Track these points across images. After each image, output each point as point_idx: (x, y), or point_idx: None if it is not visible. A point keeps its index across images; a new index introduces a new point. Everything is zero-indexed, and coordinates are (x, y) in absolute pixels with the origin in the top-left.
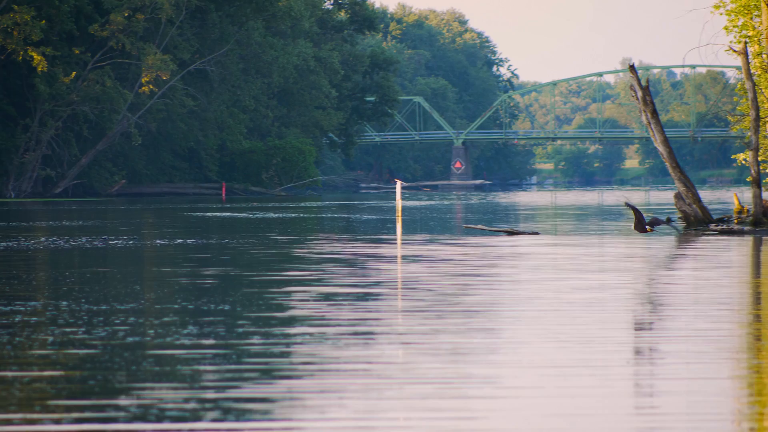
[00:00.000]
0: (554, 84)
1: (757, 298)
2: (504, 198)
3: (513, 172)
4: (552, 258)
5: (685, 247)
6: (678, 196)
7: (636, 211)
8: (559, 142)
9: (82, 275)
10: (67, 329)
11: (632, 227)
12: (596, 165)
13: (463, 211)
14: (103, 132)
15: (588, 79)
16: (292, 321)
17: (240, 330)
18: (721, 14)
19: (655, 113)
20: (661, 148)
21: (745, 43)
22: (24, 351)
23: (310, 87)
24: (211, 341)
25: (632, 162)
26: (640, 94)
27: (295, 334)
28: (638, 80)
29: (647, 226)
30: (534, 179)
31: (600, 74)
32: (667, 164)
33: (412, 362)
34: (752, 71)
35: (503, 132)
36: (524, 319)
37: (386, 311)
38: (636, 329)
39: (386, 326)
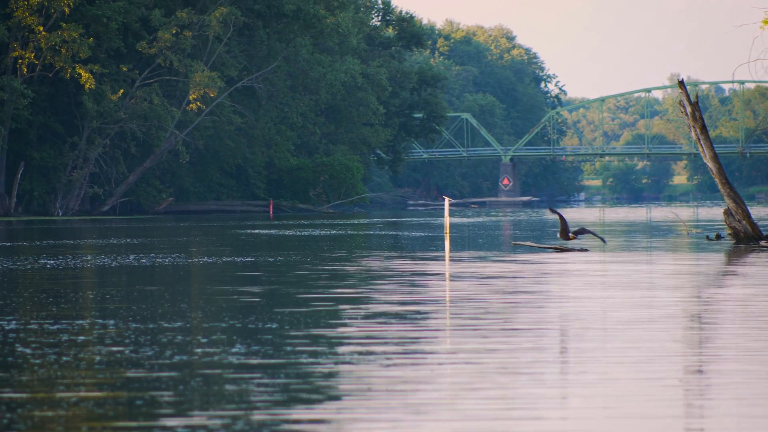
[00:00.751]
0: (602, 100)
1: None
2: (552, 215)
3: (561, 188)
4: (601, 275)
5: (735, 264)
6: (728, 213)
7: (562, 219)
8: (607, 158)
9: (130, 294)
10: (114, 348)
11: (558, 234)
12: (644, 181)
13: (511, 227)
14: (151, 149)
15: (636, 95)
16: (340, 339)
17: (288, 349)
18: None
19: (704, 129)
20: (710, 164)
21: None
22: (71, 371)
23: (358, 104)
24: (258, 360)
25: (680, 178)
26: (689, 109)
27: (343, 353)
28: (687, 96)
29: (570, 234)
30: (582, 196)
31: (648, 90)
32: (717, 180)
33: (460, 382)
34: None
35: (551, 148)
36: (572, 337)
37: (434, 329)
38: (684, 348)
39: (435, 345)
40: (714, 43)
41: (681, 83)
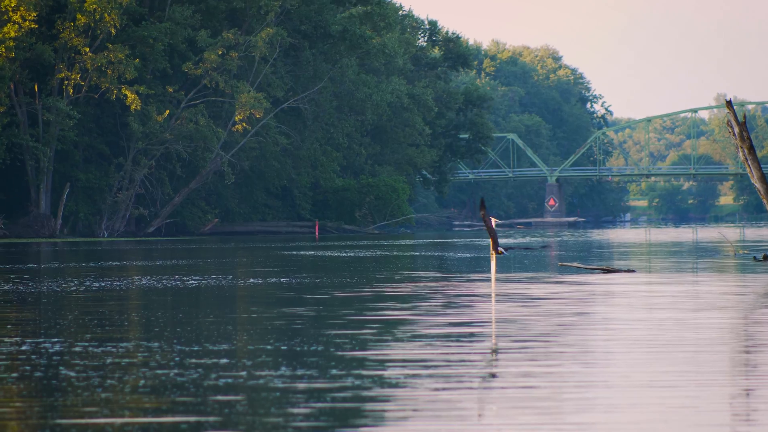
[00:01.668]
0: (648, 120)
1: None
2: (598, 235)
3: (607, 209)
4: (647, 296)
5: None
6: None
7: (492, 234)
8: (653, 178)
9: (175, 316)
10: (159, 371)
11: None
12: (690, 202)
13: (557, 248)
14: (196, 170)
15: (682, 115)
16: (385, 362)
17: (333, 371)
18: None
19: (752, 149)
20: (758, 185)
21: None
22: (115, 395)
23: (404, 124)
24: (304, 384)
25: (727, 198)
26: (737, 129)
27: (388, 377)
28: (735, 116)
29: (500, 249)
30: (628, 216)
31: (694, 110)
32: (764, 200)
33: (507, 406)
34: None
35: (597, 169)
36: (619, 361)
37: (481, 352)
38: (732, 372)
39: (481, 368)
40: (760, 63)
41: (729, 103)
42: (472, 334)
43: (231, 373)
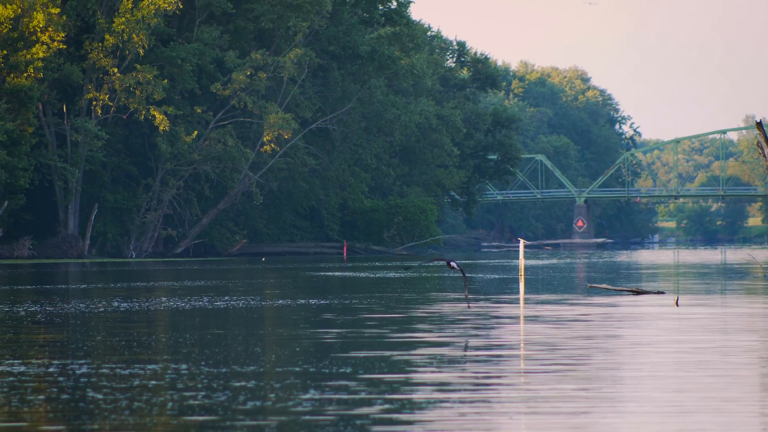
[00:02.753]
0: (677, 141)
1: None
2: (627, 257)
3: (635, 230)
4: (677, 319)
5: None
6: None
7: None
8: (681, 200)
9: (203, 337)
10: (187, 393)
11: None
12: (719, 223)
13: (585, 269)
14: (225, 191)
15: (711, 136)
16: (414, 385)
17: (362, 394)
18: None
19: None
20: None
21: None
22: (143, 417)
23: (432, 145)
24: (333, 407)
25: (755, 220)
26: (767, 150)
27: (418, 400)
28: (765, 137)
29: (451, 263)
30: (656, 237)
31: (723, 132)
32: None
33: (535, 429)
34: None
35: (625, 190)
36: (647, 384)
37: (509, 374)
38: (761, 395)
39: (509, 391)
40: None
41: (759, 124)
42: (501, 357)
43: (259, 395)
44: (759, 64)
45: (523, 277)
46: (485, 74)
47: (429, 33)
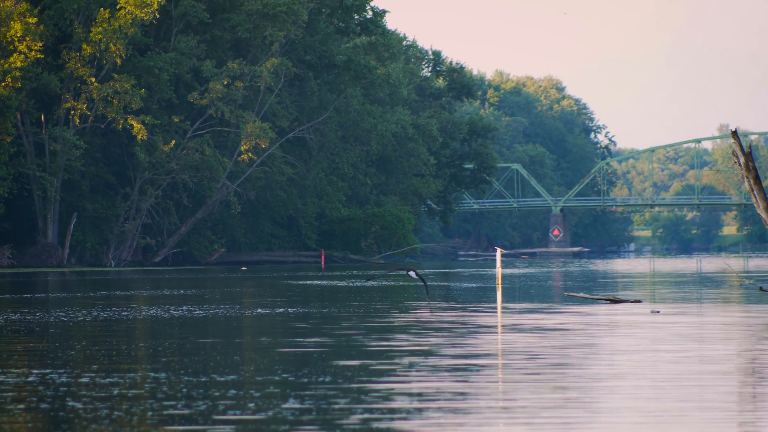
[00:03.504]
0: (652, 150)
1: None
2: (603, 265)
3: (611, 239)
4: (653, 327)
5: None
6: None
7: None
8: (656, 209)
9: (182, 346)
10: (166, 403)
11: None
12: (694, 232)
13: (562, 278)
14: (203, 200)
15: (686, 145)
16: (393, 394)
17: (341, 403)
18: None
19: (758, 179)
20: (764, 215)
21: None
22: (123, 427)
23: (409, 154)
24: (312, 416)
25: (730, 229)
26: (742, 159)
27: (397, 409)
28: (741, 146)
29: (411, 273)
30: (632, 246)
31: (698, 141)
32: None
33: None
34: None
35: (601, 199)
36: (625, 394)
37: (487, 384)
38: (737, 404)
39: (487, 401)
40: (763, 94)
41: (734, 133)
42: (479, 366)
43: (239, 405)
44: (733, 73)
45: (500, 286)
46: (461, 84)
47: (405, 42)
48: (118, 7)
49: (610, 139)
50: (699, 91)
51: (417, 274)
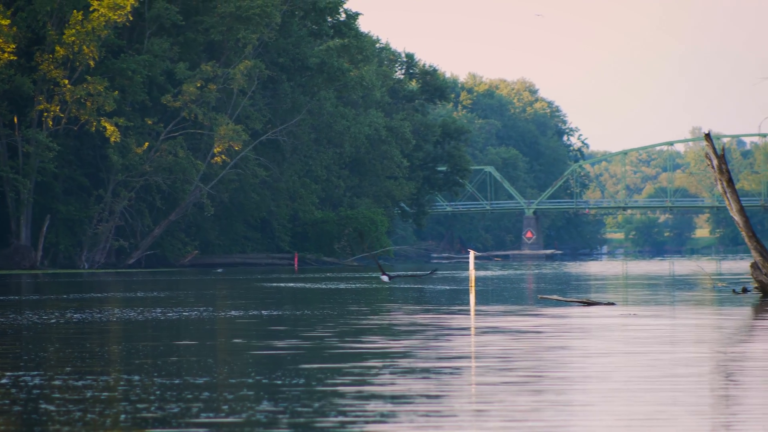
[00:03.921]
0: (625, 153)
1: None
2: (575, 268)
3: (584, 241)
4: (626, 330)
5: (764, 318)
6: (754, 266)
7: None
8: (629, 211)
9: (156, 348)
10: (140, 405)
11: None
12: (666, 234)
13: (535, 281)
14: (176, 202)
15: (658, 148)
16: (366, 397)
17: (315, 405)
18: None
19: (730, 182)
20: (736, 217)
21: None
22: (96, 429)
23: (382, 157)
24: (286, 418)
25: (703, 231)
26: (716, 162)
27: (370, 411)
28: (714, 149)
29: (388, 276)
30: (605, 249)
31: (671, 143)
32: (743, 233)
33: None
34: None
35: (574, 201)
36: (598, 396)
37: (461, 386)
38: (709, 407)
39: (461, 404)
40: (735, 97)
41: (707, 136)
42: (452, 368)
43: (212, 407)
44: (706, 76)
45: (473, 288)
46: (434, 86)
47: (378, 45)
48: (91, 9)
49: (583, 142)
50: (672, 94)
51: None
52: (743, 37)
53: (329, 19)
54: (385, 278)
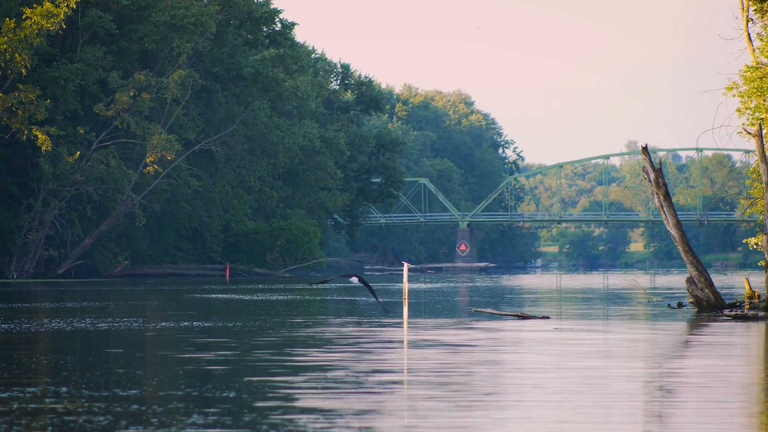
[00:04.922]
0: (560, 166)
1: None
2: (509, 281)
3: (518, 254)
4: (560, 344)
5: (699, 333)
6: (690, 281)
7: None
8: (564, 224)
9: (84, 359)
10: (67, 417)
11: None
12: (601, 248)
13: (468, 294)
14: (107, 212)
15: (594, 161)
16: (298, 411)
17: (246, 419)
18: (734, 96)
19: (667, 196)
20: (673, 232)
21: (760, 125)
22: None
23: (316, 168)
24: (216, 431)
25: (637, 245)
26: (653, 176)
27: (302, 426)
28: (651, 162)
29: (352, 279)
30: (539, 262)
31: (606, 157)
32: (680, 248)
33: None
34: (766, 154)
35: (508, 214)
36: (531, 410)
37: (393, 401)
38: (642, 424)
39: (393, 420)
40: (670, 111)
41: (645, 149)
42: (384, 382)
43: (141, 420)
44: (641, 90)
45: (406, 300)
46: (369, 97)
47: (313, 55)
48: (24, 17)
49: (518, 155)
50: (607, 108)
51: (360, 280)
52: (679, 51)
53: (264, 29)
54: (354, 280)
